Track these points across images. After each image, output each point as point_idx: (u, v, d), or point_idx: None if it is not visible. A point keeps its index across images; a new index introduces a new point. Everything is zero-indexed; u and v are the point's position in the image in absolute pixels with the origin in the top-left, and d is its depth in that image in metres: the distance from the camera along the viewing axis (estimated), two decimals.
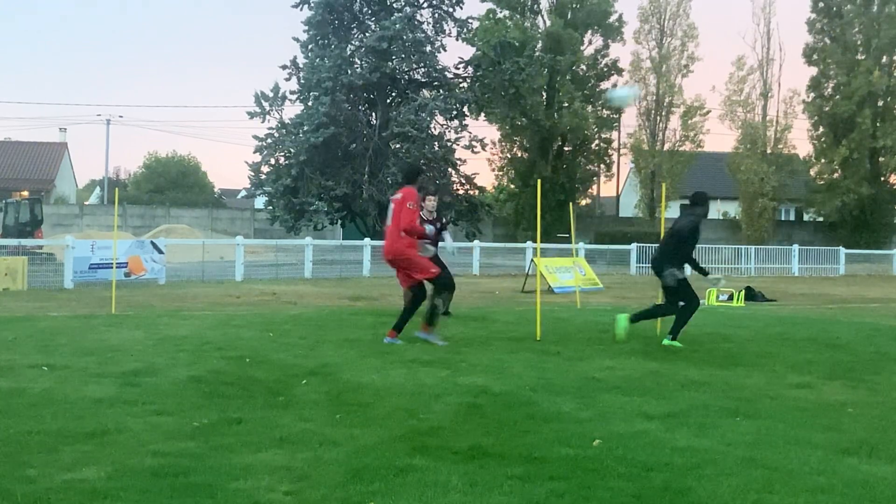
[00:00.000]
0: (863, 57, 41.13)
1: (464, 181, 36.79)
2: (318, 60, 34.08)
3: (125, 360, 7.19)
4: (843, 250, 32.10)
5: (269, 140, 34.71)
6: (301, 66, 34.94)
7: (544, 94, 40.24)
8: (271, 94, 34.67)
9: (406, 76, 35.25)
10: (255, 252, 27.39)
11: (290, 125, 34.31)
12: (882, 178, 42.35)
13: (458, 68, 36.76)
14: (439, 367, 7.15)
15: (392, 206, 8.76)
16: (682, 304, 8.96)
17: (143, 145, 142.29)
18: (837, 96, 41.39)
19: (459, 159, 36.25)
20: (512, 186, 43.98)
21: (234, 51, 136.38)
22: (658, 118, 43.16)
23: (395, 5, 35.43)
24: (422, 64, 35.00)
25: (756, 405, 5.82)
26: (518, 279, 21.04)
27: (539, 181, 12.60)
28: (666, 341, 8.76)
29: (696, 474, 4.12)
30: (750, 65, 42.60)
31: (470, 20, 36.65)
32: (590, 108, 40.56)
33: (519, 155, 42.80)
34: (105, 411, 5.30)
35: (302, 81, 34.70)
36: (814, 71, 42.53)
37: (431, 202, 11.58)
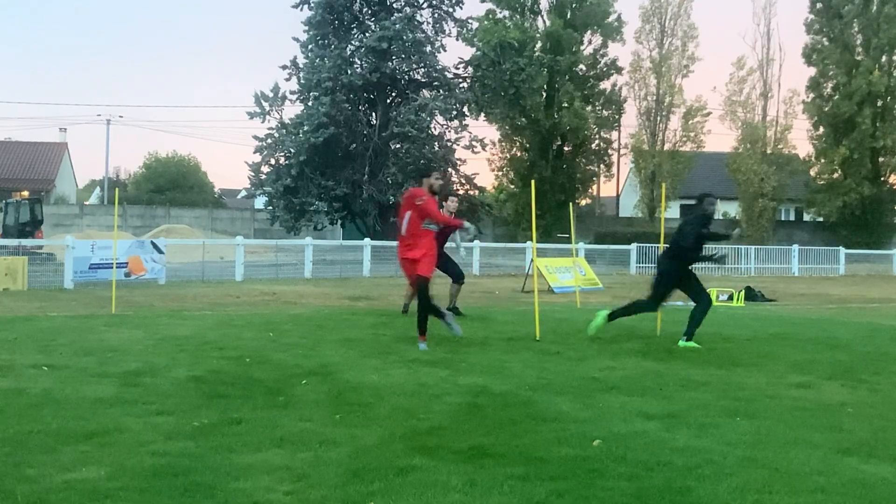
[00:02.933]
0: (862, 57, 41.13)
1: (464, 181, 36.80)
2: (318, 60, 34.10)
3: (125, 360, 7.18)
4: (843, 250, 32.10)
5: (269, 140, 34.72)
6: (301, 66, 34.95)
7: (544, 94, 40.23)
8: (271, 95, 34.69)
9: (406, 76, 35.25)
10: (255, 252, 27.39)
11: (290, 125, 34.31)
12: (882, 178, 42.35)
13: (458, 68, 36.80)
14: (439, 367, 7.15)
15: None
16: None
17: (143, 145, 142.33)
18: (837, 96, 41.38)
19: (459, 159, 36.31)
20: (512, 186, 43.98)
21: (234, 51, 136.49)
22: (658, 118, 43.14)
23: (395, 5, 35.44)
24: (422, 64, 35.00)
25: (756, 405, 5.81)
26: (518, 279, 21.04)
27: (533, 182, 12.70)
28: None
29: (696, 474, 4.12)
30: (750, 65, 42.68)
31: (470, 20, 36.69)
32: (589, 107, 40.56)
33: (519, 155, 42.78)
34: (105, 411, 5.30)
35: (302, 81, 34.71)
36: (813, 71, 42.54)
37: (453, 204, 12.12)
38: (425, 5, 35.98)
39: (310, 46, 35.06)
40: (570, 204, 24.08)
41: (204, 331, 9.45)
